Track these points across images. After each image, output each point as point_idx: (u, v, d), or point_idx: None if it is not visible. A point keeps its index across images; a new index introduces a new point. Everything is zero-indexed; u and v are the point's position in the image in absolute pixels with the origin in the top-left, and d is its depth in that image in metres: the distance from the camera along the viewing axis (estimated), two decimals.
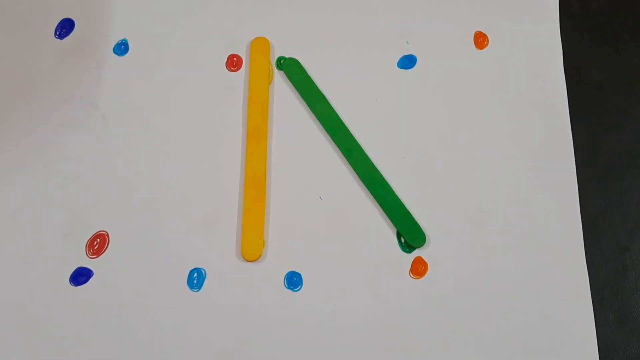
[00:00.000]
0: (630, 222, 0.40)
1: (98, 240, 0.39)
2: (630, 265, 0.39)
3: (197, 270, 0.38)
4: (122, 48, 0.43)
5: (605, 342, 0.37)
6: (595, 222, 0.40)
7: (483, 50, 0.43)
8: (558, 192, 0.40)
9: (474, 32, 0.44)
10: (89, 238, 0.39)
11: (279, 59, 0.43)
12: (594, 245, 0.39)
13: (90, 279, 0.38)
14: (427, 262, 0.39)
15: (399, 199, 0.40)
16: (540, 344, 0.37)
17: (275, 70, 0.43)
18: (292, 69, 0.43)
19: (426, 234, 0.39)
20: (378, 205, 0.40)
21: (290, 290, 0.38)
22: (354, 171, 0.40)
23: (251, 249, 0.39)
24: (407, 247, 0.39)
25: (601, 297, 0.38)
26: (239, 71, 0.43)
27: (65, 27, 0.43)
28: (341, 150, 0.41)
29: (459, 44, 0.44)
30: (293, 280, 0.38)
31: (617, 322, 0.38)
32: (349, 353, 0.37)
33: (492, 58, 0.43)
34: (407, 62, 0.43)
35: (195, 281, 0.38)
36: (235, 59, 0.43)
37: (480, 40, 0.44)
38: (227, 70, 0.43)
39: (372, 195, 0.40)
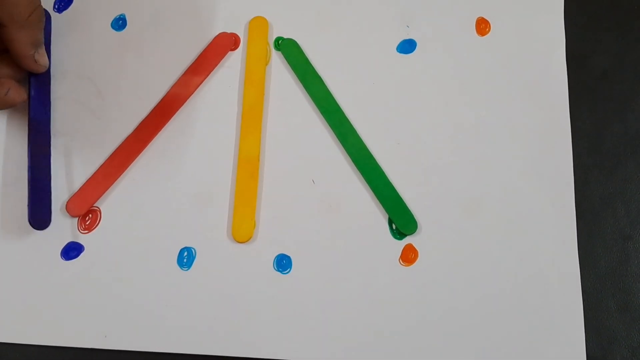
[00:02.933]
0: (633, 211, 0.40)
1: (90, 215, 0.39)
2: (633, 253, 0.39)
3: (188, 249, 0.39)
4: (119, 23, 0.43)
5: (607, 331, 0.37)
6: (598, 210, 0.40)
7: (484, 37, 0.43)
8: (553, 183, 0.40)
9: (476, 18, 0.43)
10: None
11: (277, 39, 0.43)
12: (597, 234, 0.39)
13: (81, 254, 0.38)
14: (417, 249, 0.39)
15: (391, 185, 0.39)
16: (529, 332, 0.37)
17: (273, 50, 0.43)
18: (290, 49, 0.42)
19: (418, 222, 0.39)
20: (370, 191, 0.40)
21: (279, 273, 0.38)
22: (347, 155, 0.40)
23: (242, 230, 0.39)
24: (398, 233, 0.39)
25: (603, 286, 0.38)
26: (236, 50, 0.43)
27: (63, 1, 0.43)
28: (336, 134, 0.40)
29: (460, 29, 0.43)
30: (282, 263, 0.38)
31: (619, 310, 0.38)
32: (336, 337, 0.37)
33: (494, 46, 0.42)
34: (407, 46, 0.43)
35: (185, 260, 0.38)
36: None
37: (482, 26, 0.43)
38: None
39: (365, 180, 0.40)
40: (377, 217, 0.39)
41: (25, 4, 0.36)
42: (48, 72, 0.40)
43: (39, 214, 0.38)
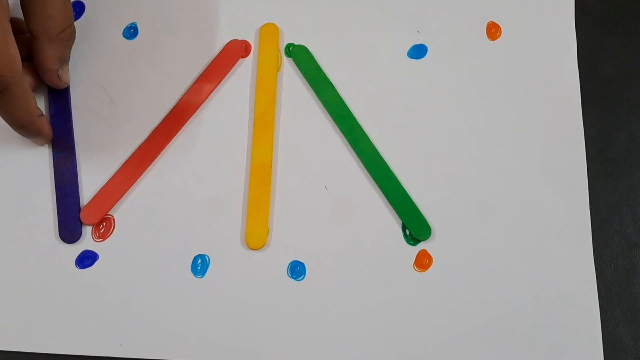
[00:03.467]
0: None
1: (104, 224, 0.39)
2: None
3: (201, 256, 0.39)
4: (131, 32, 0.43)
5: (613, 340, 0.37)
6: (605, 218, 0.39)
7: (495, 41, 0.43)
8: (567, 187, 0.40)
9: (486, 22, 0.43)
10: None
11: (288, 46, 0.43)
12: (603, 242, 0.39)
13: (96, 262, 0.39)
14: (431, 255, 0.39)
15: (405, 190, 0.39)
16: (544, 340, 0.37)
17: (284, 57, 0.43)
18: (301, 56, 0.42)
19: (432, 227, 0.39)
20: (384, 197, 0.39)
21: (293, 280, 0.38)
22: (360, 161, 0.40)
23: (255, 237, 0.39)
24: (412, 239, 0.39)
25: (610, 294, 0.38)
26: (247, 57, 0.43)
27: (75, 10, 0.43)
28: (348, 140, 0.40)
29: (471, 34, 0.43)
30: (296, 270, 0.38)
31: (625, 320, 0.38)
32: (351, 344, 0.37)
33: (505, 50, 0.42)
34: (418, 51, 0.43)
35: (199, 267, 0.38)
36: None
37: (493, 31, 0.43)
38: None
39: (378, 186, 0.40)
40: (391, 223, 0.39)
41: (60, 19, 0.37)
42: (67, 90, 0.41)
43: (69, 229, 0.39)
